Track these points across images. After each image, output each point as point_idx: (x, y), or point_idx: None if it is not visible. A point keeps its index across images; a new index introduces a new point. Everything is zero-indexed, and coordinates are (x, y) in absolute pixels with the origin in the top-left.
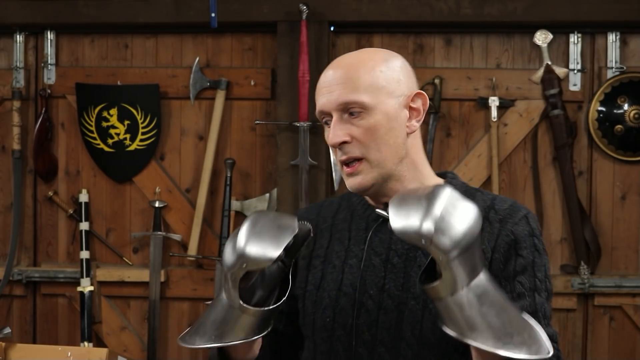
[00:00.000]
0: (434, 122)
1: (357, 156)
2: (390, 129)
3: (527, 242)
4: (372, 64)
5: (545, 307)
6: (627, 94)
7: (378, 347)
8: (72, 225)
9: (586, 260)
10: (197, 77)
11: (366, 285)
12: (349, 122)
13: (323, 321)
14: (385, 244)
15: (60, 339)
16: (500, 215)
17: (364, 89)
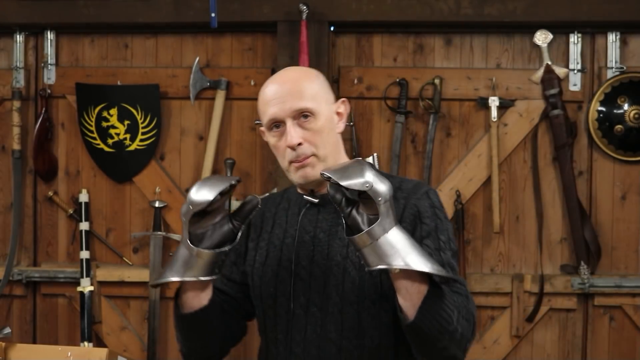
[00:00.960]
0: (434, 122)
1: (308, 154)
2: (330, 130)
3: (429, 212)
4: (311, 77)
5: (451, 262)
6: (627, 94)
7: (311, 307)
8: (72, 225)
9: (586, 260)
10: (197, 77)
11: (299, 258)
12: (300, 126)
13: (267, 291)
14: (312, 224)
15: (60, 339)
16: (405, 193)
17: (310, 98)
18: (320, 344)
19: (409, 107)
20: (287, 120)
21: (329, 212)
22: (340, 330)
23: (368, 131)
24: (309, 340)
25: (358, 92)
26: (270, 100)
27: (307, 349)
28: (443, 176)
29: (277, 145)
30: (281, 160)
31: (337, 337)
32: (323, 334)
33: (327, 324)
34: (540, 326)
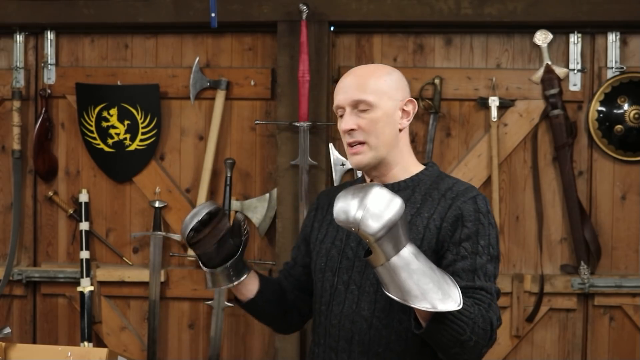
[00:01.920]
0: (434, 122)
1: (360, 140)
2: (387, 124)
3: (472, 216)
4: (379, 74)
5: (486, 267)
6: (627, 94)
7: (351, 285)
8: (72, 225)
9: (586, 260)
10: (197, 77)
11: (349, 239)
12: (357, 115)
13: (319, 266)
14: None
15: (60, 339)
16: (454, 194)
17: (371, 92)
18: (354, 319)
19: None
20: (347, 108)
21: None
22: (372, 309)
23: None
24: (345, 315)
25: None
26: (339, 90)
27: (342, 322)
28: None
29: (340, 128)
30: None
31: (369, 315)
32: (357, 310)
33: (362, 302)
34: (540, 326)
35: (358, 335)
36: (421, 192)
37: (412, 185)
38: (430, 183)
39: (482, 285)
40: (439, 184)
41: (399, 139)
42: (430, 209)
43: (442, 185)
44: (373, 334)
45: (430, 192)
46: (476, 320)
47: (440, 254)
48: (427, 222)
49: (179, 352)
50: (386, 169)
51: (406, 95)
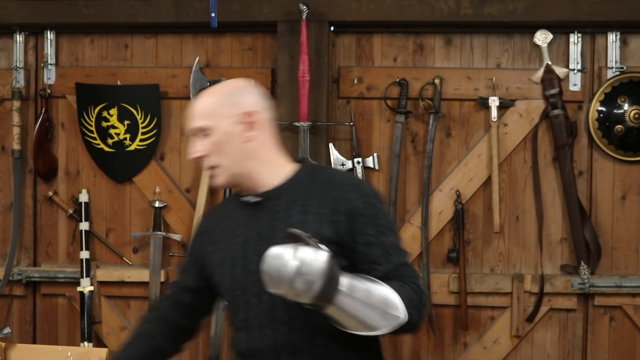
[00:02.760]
0: (434, 122)
1: (211, 164)
2: (229, 142)
3: (363, 204)
4: (209, 97)
5: (393, 242)
6: (627, 94)
7: (262, 295)
8: (72, 225)
9: (586, 260)
10: (197, 77)
11: (248, 253)
12: (202, 140)
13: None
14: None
15: (60, 339)
16: (336, 185)
17: (204, 117)
18: (274, 326)
19: (409, 107)
20: (192, 137)
21: (267, 208)
22: (289, 311)
23: (368, 131)
24: (264, 324)
25: (358, 92)
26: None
27: (263, 331)
28: (443, 176)
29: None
30: None
31: (287, 318)
32: (275, 317)
33: (277, 308)
34: (541, 326)
35: (282, 340)
36: (302, 189)
37: (288, 186)
38: (308, 178)
39: (399, 261)
40: (316, 177)
41: (253, 151)
42: (316, 204)
43: (320, 178)
44: (295, 334)
45: (311, 187)
46: (413, 298)
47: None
48: (319, 217)
49: None
50: (250, 180)
51: (243, 108)
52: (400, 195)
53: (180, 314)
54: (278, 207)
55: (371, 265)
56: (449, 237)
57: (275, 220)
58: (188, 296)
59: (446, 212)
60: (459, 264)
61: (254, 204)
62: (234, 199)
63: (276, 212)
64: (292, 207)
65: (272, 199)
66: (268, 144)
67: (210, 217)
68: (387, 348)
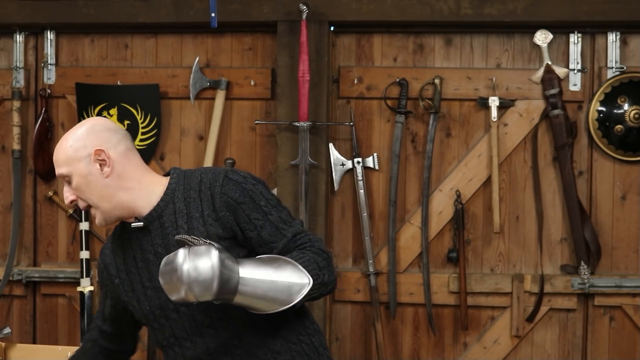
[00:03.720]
0: (434, 122)
1: (86, 206)
2: (90, 182)
3: (238, 192)
4: (65, 142)
5: (280, 217)
6: (627, 94)
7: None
8: (72, 225)
9: (586, 260)
10: (197, 77)
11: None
12: (69, 186)
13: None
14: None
15: (60, 339)
16: (208, 184)
17: (62, 165)
18: (201, 332)
19: (409, 107)
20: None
21: (155, 228)
22: (209, 315)
23: (368, 131)
24: (192, 333)
25: (358, 92)
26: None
27: (193, 340)
28: (443, 176)
29: None
30: None
31: (210, 321)
32: (198, 324)
33: (196, 316)
34: (541, 326)
35: (212, 343)
36: (180, 199)
37: (165, 203)
38: (182, 187)
39: (292, 232)
40: (189, 183)
41: (116, 184)
42: (198, 208)
43: (193, 182)
44: (223, 334)
45: (187, 193)
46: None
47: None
48: (203, 220)
49: None
50: (128, 210)
51: (91, 148)
52: (400, 195)
53: (108, 341)
54: (164, 224)
55: (268, 246)
56: (449, 237)
57: (166, 236)
58: (109, 326)
59: (446, 212)
60: (459, 264)
61: (141, 229)
62: (122, 227)
63: (164, 229)
64: (177, 219)
65: (155, 219)
66: (131, 172)
67: (106, 251)
68: (387, 348)
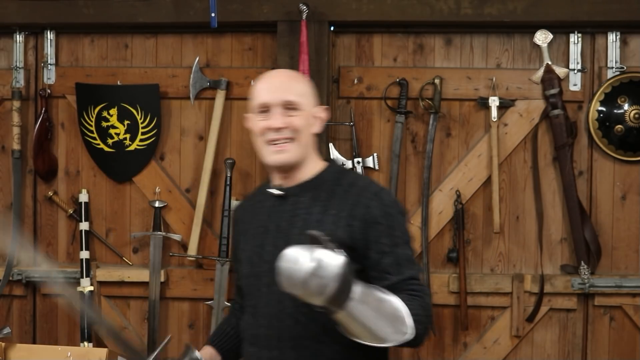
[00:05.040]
0: (434, 122)
1: (287, 137)
2: (308, 125)
3: (381, 213)
4: (300, 79)
5: (407, 254)
6: (627, 94)
7: (272, 285)
8: (72, 225)
9: (586, 260)
10: (197, 77)
11: (266, 244)
12: (285, 114)
13: (244, 272)
14: (277, 214)
15: (60, 339)
16: (357, 190)
17: (297, 94)
18: (281, 317)
19: (409, 107)
20: (274, 108)
21: (290, 203)
22: (296, 305)
23: (368, 131)
24: (272, 314)
25: (358, 92)
26: (265, 87)
27: (270, 321)
28: (443, 176)
29: (260, 125)
30: (260, 140)
31: (294, 312)
32: (282, 309)
33: (285, 300)
34: (541, 326)
35: (287, 332)
36: (326, 189)
37: (315, 183)
38: (332, 179)
39: (410, 274)
40: (340, 179)
41: (312, 142)
42: (336, 206)
43: (344, 181)
44: (300, 329)
45: (334, 188)
46: (420, 313)
47: (361, 253)
48: (336, 219)
49: (179, 352)
50: (297, 169)
51: (317, 101)
52: (400, 195)
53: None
54: (300, 203)
55: (382, 274)
56: (449, 237)
57: (295, 216)
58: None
59: (446, 212)
60: (459, 264)
61: (278, 197)
62: (262, 189)
63: (297, 209)
64: (313, 205)
65: (295, 195)
66: (316, 141)
67: (241, 206)
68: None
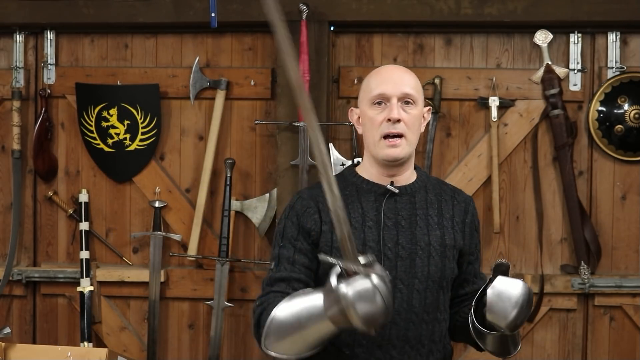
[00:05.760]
0: (434, 122)
1: (401, 133)
2: (419, 123)
3: (477, 221)
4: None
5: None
6: (627, 94)
7: (398, 284)
8: (72, 225)
9: (586, 260)
10: (197, 77)
11: (385, 240)
12: (401, 108)
13: None
14: (393, 211)
15: (60, 339)
16: (462, 198)
17: (415, 89)
18: (407, 317)
19: None
20: (393, 99)
21: (406, 202)
22: (423, 305)
23: None
24: (397, 313)
25: (358, 92)
26: (383, 79)
27: (395, 320)
28: (443, 176)
29: (376, 118)
30: (374, 133)
31: (421, 311)
32: (409, 308)
33: (412, 299)
34: (541, 326)
35: (412, 331)
36: (433, 192)
37: (422, 185)
38: (433, 183)
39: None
40: (440, 186)
41: (417, 141)
42: (448, 210)
43: (445, 188)
44: (424, 328)
45: (439, 192)
46: None
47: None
48: (452, 223)
49: (179, 352)
50: (405, 168)
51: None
52: None
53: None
54: (415, 203)
55: (473, 278)
56: None
57: (414, 215)
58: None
59: None
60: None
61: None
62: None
63: (414, 208)
64: (428, 206)
65: (408, 194)
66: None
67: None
68: None
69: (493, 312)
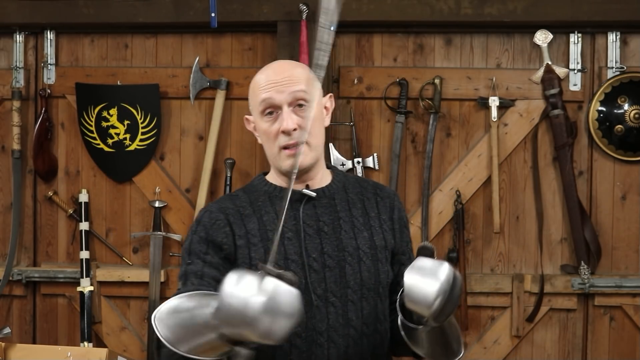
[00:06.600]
0: (434, 122)
1: (301, 141)
2: (320, 120)
3: (405, 215)
4: (304, 67)
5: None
6: (627, 94)
7: (330, 297)
8: (72, 225)
9: (586, 260)
10: (197, 77)
11: (308, 251)
12: (295, 112)
13: None
14: (313, 218)
15: (60, 339)
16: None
17: (304, 82)
18: (344, 332)
19: (409, 107)
20: (284, 106)
21: (326, 205)
22: (360, 316)
23: (368, 131)
24: (333, 329)
25: (358, 92)
26: (265, 86)
27: (331, 337)
28: (443, 176)
29: (269, 130)
30: (271, 145)
31: (359, 324)
32: (345, 322)
33: (348, 312)
34: (541, 326)
35: (352, 348)
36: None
37: (340, 185)
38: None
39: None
40: (360, 183)
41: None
42: (373, 208)
43: (366, 185)
44: (365, 343)
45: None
46: None
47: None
48: (379, 222)
49: None
50: (315, 171)
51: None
52: (400, 195)
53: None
54: (336, 205)
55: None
56: (449, 237)
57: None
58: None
59: (446, 212)
60: (459, 264)
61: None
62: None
63: (335, 209)
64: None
65: (327, 197)
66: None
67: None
68: None
69: (413, 299)
